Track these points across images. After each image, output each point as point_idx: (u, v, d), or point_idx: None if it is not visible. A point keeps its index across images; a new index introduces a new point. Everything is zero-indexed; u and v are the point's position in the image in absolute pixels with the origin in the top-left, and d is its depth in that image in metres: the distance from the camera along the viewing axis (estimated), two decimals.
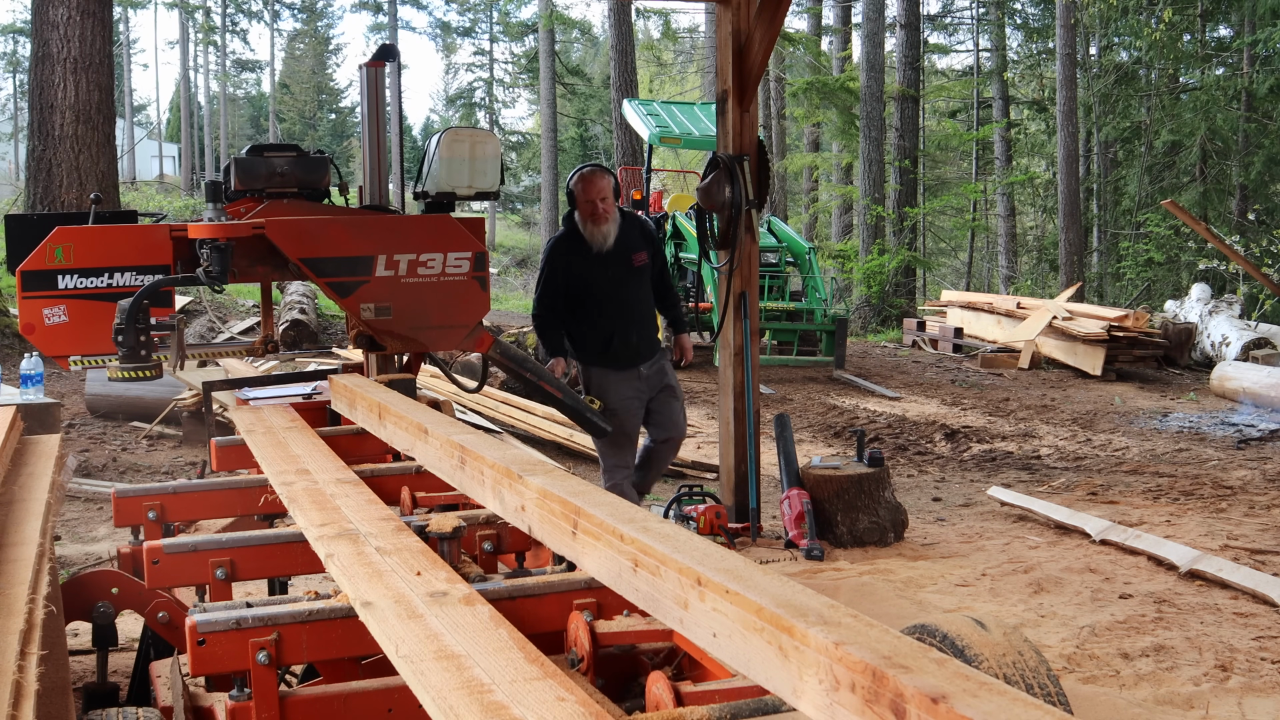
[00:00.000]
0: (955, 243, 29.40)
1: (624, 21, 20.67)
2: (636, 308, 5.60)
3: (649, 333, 5.68)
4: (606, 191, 5.37)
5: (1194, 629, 4.84)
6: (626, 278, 5.51)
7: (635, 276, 5.55)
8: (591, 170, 5.46)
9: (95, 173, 11.00)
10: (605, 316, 5.53)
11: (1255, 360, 13.06)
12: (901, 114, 20.93)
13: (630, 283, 5.54)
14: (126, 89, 46.75)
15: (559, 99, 35.33)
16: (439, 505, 2.96)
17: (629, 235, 5.51)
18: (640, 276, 5.58)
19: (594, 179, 5.39)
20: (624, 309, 5.54)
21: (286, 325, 11.58)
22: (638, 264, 5.52)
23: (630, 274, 5.53)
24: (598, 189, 5.36)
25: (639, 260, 5.53)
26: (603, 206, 5.35)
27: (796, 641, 1.34)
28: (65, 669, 2.36)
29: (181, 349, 3.85)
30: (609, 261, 5.44)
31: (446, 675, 1.68)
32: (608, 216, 5.39)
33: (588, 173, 5.43)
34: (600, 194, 5.35)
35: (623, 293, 5.52)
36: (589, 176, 5.40)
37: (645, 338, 5.65)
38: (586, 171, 5.44)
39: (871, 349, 15.73)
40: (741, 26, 6.38)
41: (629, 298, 5.55)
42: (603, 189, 5.37)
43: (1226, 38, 22.23)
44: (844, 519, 6.19)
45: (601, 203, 5.34)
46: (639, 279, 5.58)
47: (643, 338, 5.63)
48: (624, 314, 5.54)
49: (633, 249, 5.51)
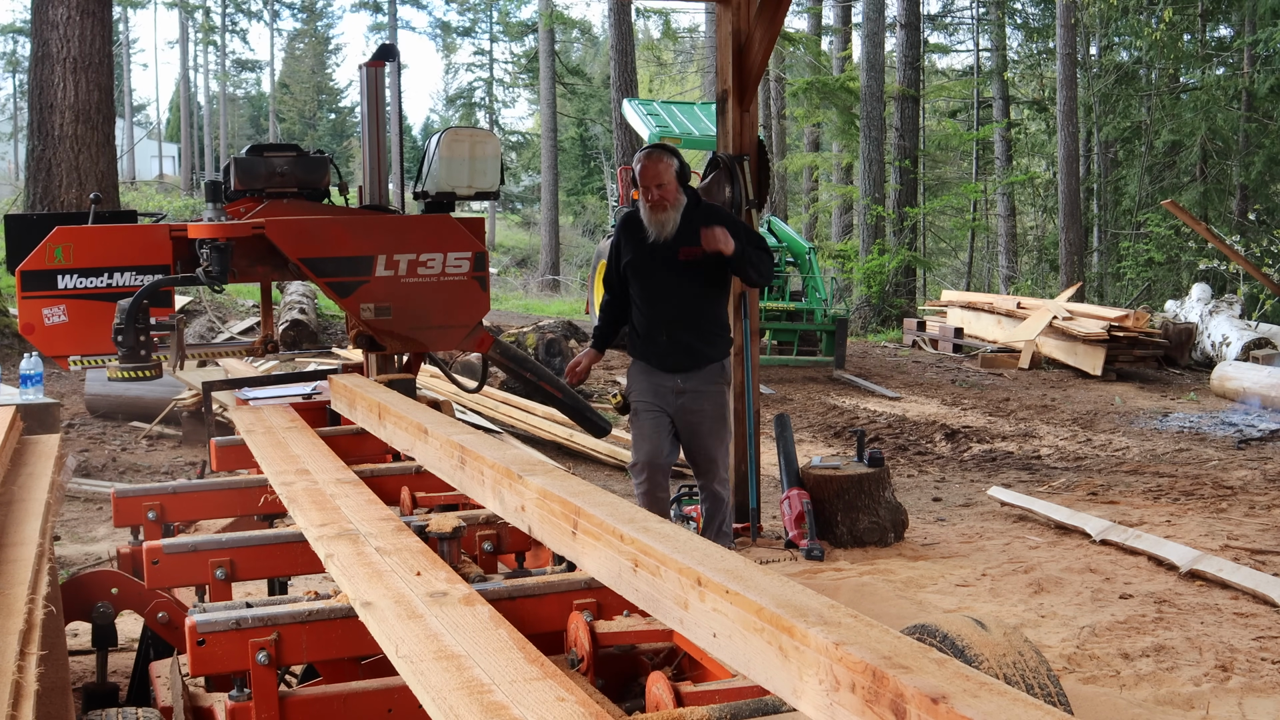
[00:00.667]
0: (955, 243, 29.40)
1: (624, 21, 20.67)
2: (676, 307, 4.98)
3: (691, 341, 4.99)
4: (663, 177, 4.84)
5: (1194, 629, 4.84)
6: (667, 272, 4.93)
7: (679, 273, 4.92)
8: (648, 153, 4.94)
9: (95, 173, 11.00)
10: (643, 310, 5.05)
11: (1255, 360, 13.05)
12: (901, 114, 20.93)
13: (670, 278, 4.94)
14: (126, 89, 46.75)
15: (559, 99, 35.32)
16: (439, 505, 2.95)
17: (689, 226, 4.89)
18: (687, 274, 4.92)
19: (648, 163, 4.88)
20: (659, 306, 4.99)
21: (286, 325, 11.57)
22: (684, 258, 4.87)
23: (673, 269, 4.91)
24: (652, 174, 4.85)
25: (688, 255, 4.87)
26: (658, 193, 4.83)
27: (796, 641, 1.34)
28: (65, 669, 2.36)
29: (181, 349, 3.85)
30: (656, 251, 4.92)
31: (446, 675, 1.67)
32: (665, 204, 4.85)
33: (643, 154, 4.95)
34: (655, 179, 4.84)
35: (661, 288, 4.98)
36: (644, 159, 4.91)
37: (682, 345, 5.00)
38: (643, 153, 4.96)
39: (871, 349, 15.73)
40: (741, 26, 6.38)
41: (669, 294, 4.98)
42: (659, 174, 4.84)
43: (1227, 37, 22.24)
44: (844, 519, 6.19)
45: (657, 189, 4.83)
46: (685, 276, 4.92)
47: (678, 343, 5.00)
48: (659, 311, 4.99)
49: (685, 241, 4.89)
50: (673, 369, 5.01)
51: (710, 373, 5.03)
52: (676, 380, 5.02)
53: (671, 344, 4.99)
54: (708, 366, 5.03)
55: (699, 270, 4.91)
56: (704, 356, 5.02)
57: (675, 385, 5.02)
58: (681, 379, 5.00)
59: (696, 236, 4.80)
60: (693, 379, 5.00)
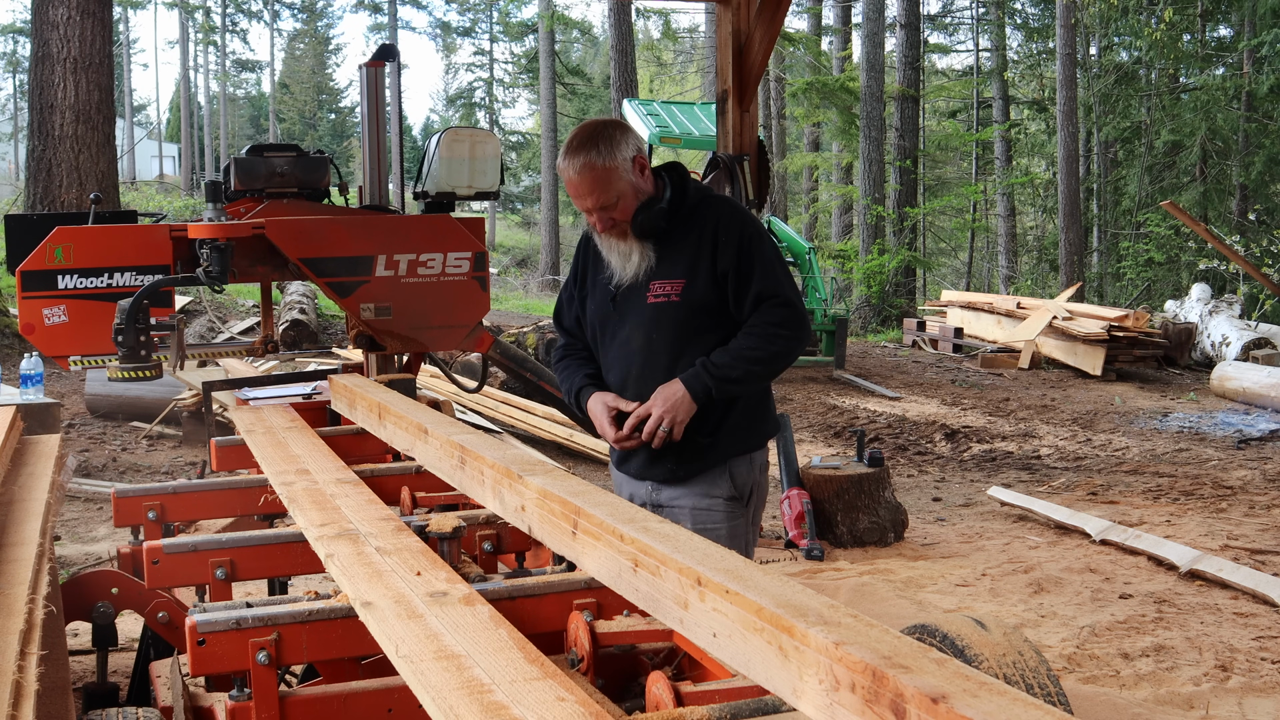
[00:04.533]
0: (955, 243, 29.40)
1: (624, 21, 20.67)
2: (643, 378, 2.96)
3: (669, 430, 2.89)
4: (603, 190, 2.89)
5: (1194, 629, 4.84)
6: (634, 319, 2.97)
7: (649, 320, 2.94)
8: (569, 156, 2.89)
9: (95, 173, 11.00)
10: (609, 374, 3.08)
11: (1255, 360, 13.05)
12: (901, 114, 20.94)
13: (639, 328, 2.97)
14: (126, 89, 46.75)
15: (559, 99, 35.32)
16: (439, 505, 2.95)
17: (670, 242, 2.94)
18: (662, 320, 2.93)
19: (574, 175, 2.89)
20: (626, 370, 3.01)
21: (286, 325, 11.57)
22: (655, 299, 2.92)
23: (642, 313, 2.95)
24: (586, 188, 2.89)
25: (660, 294, 2.92)
26: (606, 216, 2.94)
27: (796, 641, 1.34)
28: (65, 669, 2.36)
29: (181, 349, 3.85)
30: (621, 295, 3.00)
31: (446, 675, 1.67)
32: (625, 226, 2.93)
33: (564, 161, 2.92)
34: (595, 198, 2.90)
35: (625, 344, 3.00)
36: (567, 169, 2.91)
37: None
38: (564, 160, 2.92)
39: (871, 349, 15.72)
40: (741, 26, 6.38)
41: (635, 352, 2.98)
42: (594, 187, 2.89)
43: (1227, 38, 22.25)
44: (844, 519, 6.19)
45: (602, 211, 2.92)
46: (659, 324, 2.93)
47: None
48: (625, 377, 3.01)
49: (663, 273, 2.93)
50: (640, 475, 3.04)
51: (707, 480, 2.97)
52: (647, 489, 3.02)
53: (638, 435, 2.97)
54: (702, 471, 2.97)
55: (674, 313, 2.92)
56: (691, 455, 2.94)
57: (646, 495, 3.04)
58: (653, 488, 3.01)
59: (674, 262, 2.91)
60: (671, 490, 3.00)
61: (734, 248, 2.88)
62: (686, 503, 2.96)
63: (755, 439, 3.04)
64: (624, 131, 2.90)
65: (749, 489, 3.03)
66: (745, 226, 2.94)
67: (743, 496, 3.02)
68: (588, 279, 3.11)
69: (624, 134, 2.89)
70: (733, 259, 2.88)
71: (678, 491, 2.97)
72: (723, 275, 2.89)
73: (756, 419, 3.02)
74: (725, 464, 2.97)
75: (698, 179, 3.31)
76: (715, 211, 2.96)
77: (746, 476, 3.02)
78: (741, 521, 3.03)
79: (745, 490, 3.02)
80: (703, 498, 2.98)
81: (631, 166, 2.88)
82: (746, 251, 2.89)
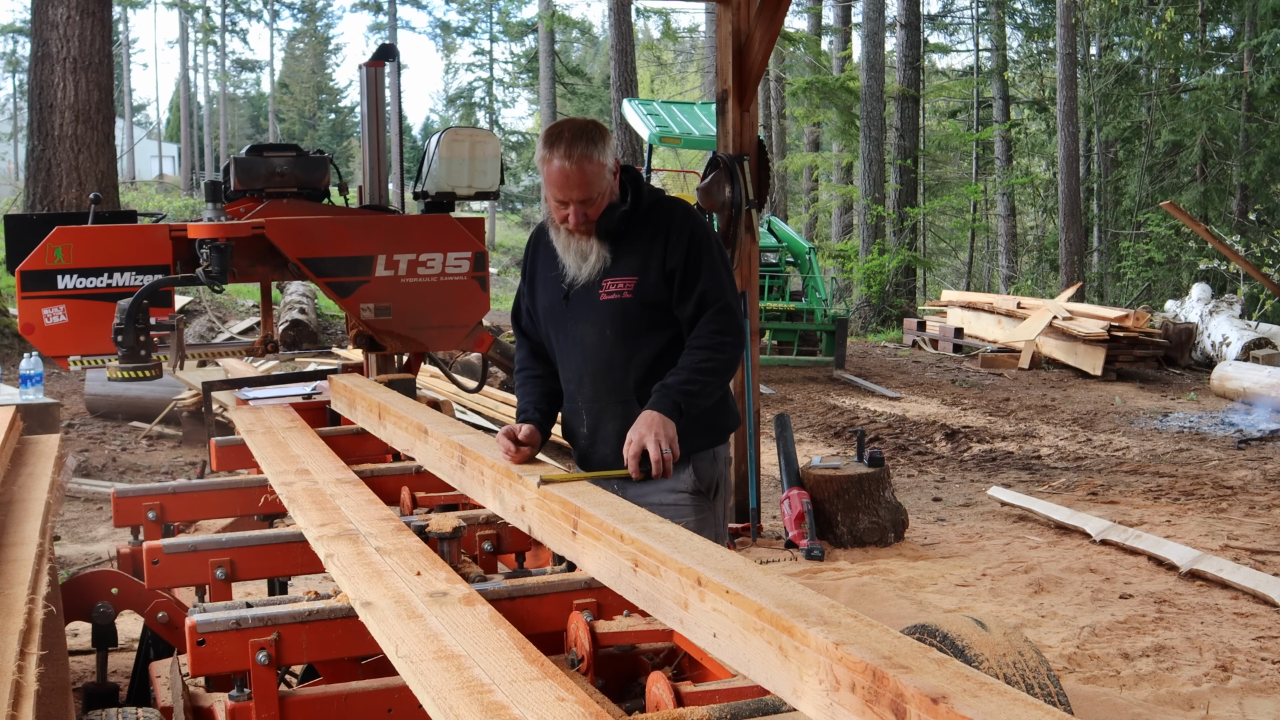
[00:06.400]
0: (955, 243, 29.40)
1: (624, 21, 20.67)
2: (598, 377, 3.01)
3: (620, 429, 2.84)
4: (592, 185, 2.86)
5: (1194, 629, 4.84)
6: (586, 316, 2.98)
7: (603, 316, 2.95)
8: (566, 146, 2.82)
9: (95, 173, 11.00)
10: (564, 368, 3.10)
11: (1255, 360, 13.06)
12: (901, 114, 20.94)
13: (592, 325, 2.97)
14: (126, 89, 46.75)
15: (559, 99, 35.31)
16: (439, 505, 2.95)
17: (622, 244, 2.95)
18: (615, 317, 2.94)
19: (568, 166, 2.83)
20: (580, 365, 3.03)
21: (286, 325, 11.57)
22: (608, 296, 2.94)
23: (595, 309, 2.96)
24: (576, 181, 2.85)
25: (613, 291, 2.94)
26: (582, 211, 2.89)
27: (796, 641, 1.34)
28: (65, 669, 2.36)
29: (181, 349, 3.85)
30: (574, 293, 2.99)
31: (446, 675, 1.67)
32: (590, 227, 2.92)
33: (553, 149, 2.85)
34: (582, 190, 2.86)
35: (578, 340, 3.01)
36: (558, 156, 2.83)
37: (611, 435, 2.98)
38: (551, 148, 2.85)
39: (871, 349, 15.72)
40: (741, 26, 6.38)
41: (589, 348, 3.00)
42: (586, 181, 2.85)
43: (1227, 38, 22.25)
44: (844, 519, 6.18)
45: (582, 205, 2.88)
46: (612, 321, 2.95)
47: (604, 435, 3.03)
48: (574, 384, 3.06)
49: (612, 270, 2.94)
50: (605, 473, 2.86)
51: (670, 476, 2.78)
52: (614, 487, 2.71)
53: (595, 436, 3.06)
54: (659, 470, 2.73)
55: (632, 315, 2.93)
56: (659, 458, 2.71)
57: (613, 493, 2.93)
58: (619, 485, 2.80)
59: (626, 260, 2.93)
60: (636, 486, 2.84)
61: (683, 247, 2.92)
62: (653, 499, 2.88)
63: (716, 434, 3.08)
64: (608, 133, 2.94)
65: (713, 483, 3.08)
66: (696, 228, 2.98)
67: (708, 490, 3.06)
68: (537, 276, 3.13)
69: (608, 135, 2.93)
70: (681, 257, 2.92)
71: (644, 489, 2.90)
72: (671, 272, 2.92)
73: (717, 414, 3.05)
74: (688, 460, 2.96)
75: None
76: (668, 212, 3.00)
77: (710, 471, 3.06)
78: (709, 515, 3.07)
79: (709, 484, 3.06)
80: (668, 493, 2.99)
81: (613, 168, 2.91)
82: (695, 251, 2.93)
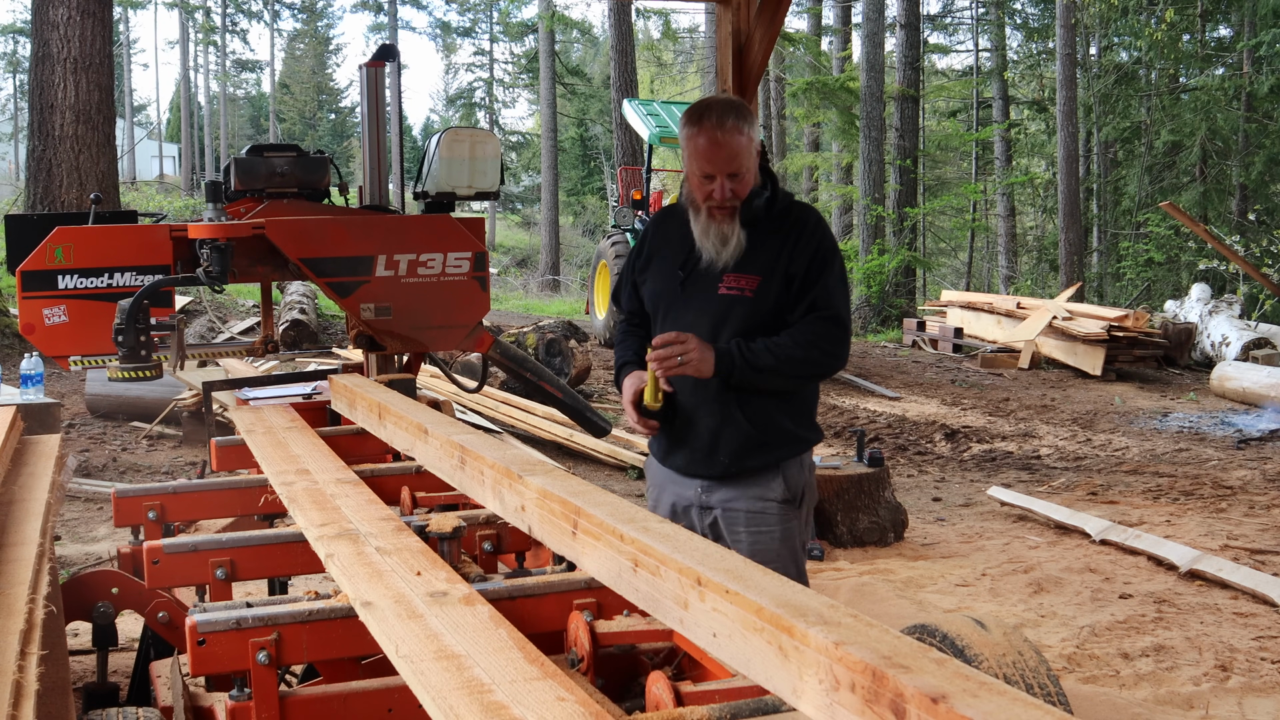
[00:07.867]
0: (955, 243, 29.41)
1: (624, 21, 20.68)
2: None
3: (719, 426, 2.92)
4: (740, 158, 2.84)
5: (1194, 629, 4.84)
6: (701, 306, 2.93)
7: (718, 310, 2.90)
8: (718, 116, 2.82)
9: (95, 173, 11.00)
10: None
11: (1255, 360, 13.06)
12: (901, 114, 20.94)
13: (705, 316, 2.91)
14: (126, 89, 46.76)
15: (559, 99, 35.33)
16: (439, 505, 2.95)
17: (756, 239, 2.89)
18: (731, 314, 2.89)
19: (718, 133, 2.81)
20: None
21: (286, 325, 11.57)
22: (727, 290, 2.89)
23: (711, 302, 2.91)
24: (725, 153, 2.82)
25: (733, 287, 2.89)
26: (731, 187, 2.84)
27: (796, 641, 1.34)
28: (65, 669, 2.36)
29: (181, 349, 3.85)
30: (697, 279, 2.95)
31: (446, 675, 1.68)
32: (734, 208, 2.87)
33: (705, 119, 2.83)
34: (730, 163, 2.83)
35: (688, 330, 2.87)
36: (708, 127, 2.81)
37: (707, 432, 2.94)
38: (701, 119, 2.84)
39: (871, 349, 15.72)
40: (741, 26, 6.38)
41: None
42: (735, 152, 2.82)
43: (1227, 38, 22.26)
44: (844, 519, 6.19)
45: (730, 180, 2.83)
46: (728, 317, 2.89)
47: (699, 430, 2.95)
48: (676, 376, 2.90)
49: (740, 265, 2.89)
50: (691, 471, 3.00)
51: (760, 484, 2.92)
52: (696, 490, 2.98)
53: (688, 430, 2.97)
54: (755, 472, 2.93)
55: (750, 314, 2.88)
56: (747, 452, 2.91)
57: (695, 498, 3.01)
58: (704, 488, 2.96)
59: (754, 258, 2.88)
60: (724, 491, 2.94)
61: (808, 254, 2.89)
62: (741, 505, 2.93)
63: (804, 443, 3.03)
64: (753, 111, 2.85)
65: (801, 490, 3.01)
66: (824, 238, 2.95)
67: (795, 498, 3.00)
68: (652, 260, 3.09)
69: (754, 113, 2.83)
70: (804, 264, 2.88)
71: (731, 493, 2.93)
72: (791, 277, 2.88)
73: (804, 422, 3.03)
74: (778, 466, 2.95)
75: None
76: (801, 217, 2.95)
77: (798, 478, 2.99)
78: (795, 523, 3.01)
79: (798, 492, 3.00)
80: (757, 500, 2.95)
81: (758, 147, 2.87)
82: (819, 261, 2.89)
